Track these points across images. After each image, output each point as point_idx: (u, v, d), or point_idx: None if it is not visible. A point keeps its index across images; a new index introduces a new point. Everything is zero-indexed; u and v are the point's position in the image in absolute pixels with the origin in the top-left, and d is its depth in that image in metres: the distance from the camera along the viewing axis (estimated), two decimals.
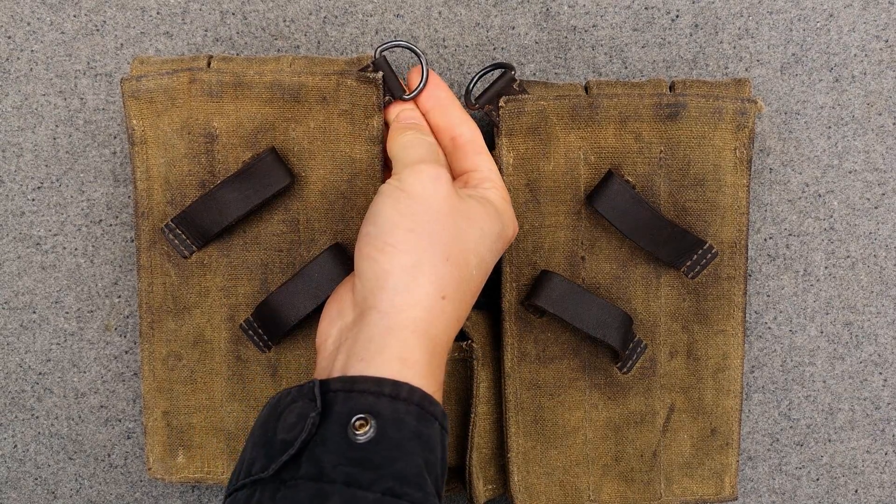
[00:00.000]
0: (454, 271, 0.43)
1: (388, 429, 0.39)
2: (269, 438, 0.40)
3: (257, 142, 0.53)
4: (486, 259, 0.46)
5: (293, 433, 0.39)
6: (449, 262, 0.43)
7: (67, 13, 0.59)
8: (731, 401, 0.56)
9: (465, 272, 0.44)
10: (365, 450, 0.38)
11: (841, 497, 0.65)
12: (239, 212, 0.52)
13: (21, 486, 0.63)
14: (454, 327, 0.44)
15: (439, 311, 0.43)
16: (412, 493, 0.38)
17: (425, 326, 0.42)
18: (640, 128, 0.53)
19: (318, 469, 0.38)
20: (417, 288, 0.43)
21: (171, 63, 0.53)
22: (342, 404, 0.39)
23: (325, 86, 0.52)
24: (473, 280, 0.45)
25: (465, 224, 0.45)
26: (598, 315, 0.53)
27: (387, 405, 0.39)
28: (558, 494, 0.57)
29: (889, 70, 0.61)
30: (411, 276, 0.43)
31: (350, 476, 0.37)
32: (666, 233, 0.53)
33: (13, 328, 0.62)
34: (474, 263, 0.45)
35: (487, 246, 0.46)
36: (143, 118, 0.53)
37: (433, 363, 0.42)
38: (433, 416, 0.41)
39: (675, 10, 0.59)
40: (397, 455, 0.39)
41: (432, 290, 0.43)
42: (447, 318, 0.43)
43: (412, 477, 0.38)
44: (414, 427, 0.40)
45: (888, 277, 0.62)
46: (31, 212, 0.61)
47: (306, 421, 0.39)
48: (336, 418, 0.39)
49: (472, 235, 0.45)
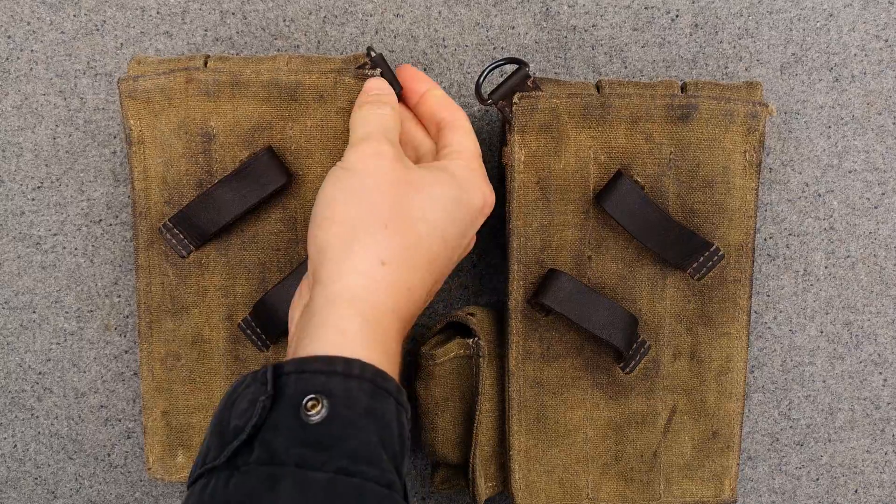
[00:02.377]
0: (395, 237, 0.43)
1: (340, 407, 0.38)
2: (224, 426, 0.40)
3: (254, 141, 0.53)
4: (441, 224, 0.45)
5: (244, 419, 0.39)
6: (388, 229, 0.43)
7: (67, 13, 0.59)
8: (733, 403, 0.56)
9: (411, 238, 0.43)
10: (317, 430, 0.38)
11: (841, 497, 0.64)
12: (236, 211, 0.52)
13: (21, 486, 0.63)
14: (404, 294, 0.43)
15: (379, 278, 0.42)
16: (367, 470, 0.37)
17: (364, 294, 0.42)
18: (650, 128, 0.53)
19: (270, 453, 0.37)
20: (353, 255, 0.42)
21: (168, 63, 0.53)
22: (294, 386, 0.39)
23: (322, 84, 0.52)
24: (423, 245, 0.44)
25: (410, 192, 0.44)
26: (604, 315, 0.53)
27: (339, 384, 0.39)
28: (558, 492, 0.56)
29: (889, 70, 0.60)
30: (347, 245, 0.43)
31: (302, 457, 0.37)
32: (673, 234, 0.53)
33: (13, 328, 0.61)
34: (424, 230, 0.44)
35: (440, 211, 0.45)
36: (140, 118, 0.52)
37: (377, 332, 0.41)
38: (387, 391, 0.40)
39: (675, 10, 0.59)
40: (350, 433, 0.38)
41: (369, 255, 0.42)
42: (389, 284, 0.42)
43: (366, 455, 0.38)
44: (367, 404, 0.39)
45: (888, 277, 0.62)
46: (31, 212, 0.60)
47: (256, 405, 0.39)
48: (288, 401, 0.39)
49: (418, 202, 0.44)
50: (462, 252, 0.49)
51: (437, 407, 0.56)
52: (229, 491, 0.37)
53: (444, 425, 0.56)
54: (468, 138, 0.50)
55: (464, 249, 0.49)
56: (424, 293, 0.45)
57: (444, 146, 0.50)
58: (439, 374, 0.55)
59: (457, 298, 0.62)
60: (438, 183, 0.46)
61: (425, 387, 0.56)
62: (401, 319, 0.43)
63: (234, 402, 0.40)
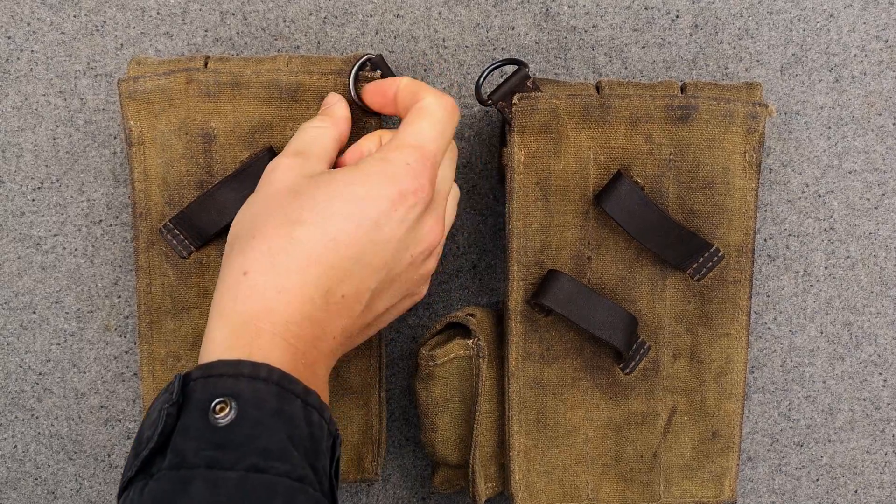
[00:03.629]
0: (260, 246, 0.43)
1: (248, 409, 0.39)
2: (139, 438, 0.40)
3: (255, 141, 0.52)
4: (324, 224, 0.44)
5: (153, 428, 0.39)
6: (255, 239, 0.44)
7: (67, 13, 0.58)
8: (733, 404, 0.56)
9: (277, 243, 0.43)
10: (226, 431, 0.38)
11: (841, 497, 0.64)
12: (237, 212, 0.51)
13: (21, 486, 0.63)
14: (273, 298, 0.43)
15: (244, 287, 0.43)
16: (277, 465, 0.38)
17: (229, 304, 0.43)
18: (650, 129, 0.52)
19: (181, 458, 0.38)
20: (224, 269, 0.45)
21: (168, 64, 0.53)
22: (202, 391, 0.40)
23: (322, 85, 0.52)
24: (298, 248, 0.43)
25: (290, 198, 0.45)
26: (603, 316, 0.53)
27: (246, 386, 0.39)
28: (557, 493, 0.56)
29: (889, 70, 0.60)
30: (224, 260, 0.45)
31: (212, 459, 0.38)
32: (673, 235, 0.53)
33: (13, 328, 0.61)
34: (301, 233, 0.43)
35: (324, 212, 0.44)
36: (140, 119, 0.52)
37: (243, 337, 0.42)
38: (293, 393, 0.41)
39: (675, 11, 0.59)
40: (259, 432, 0.39)
41: (234, 268, 0.44)
42: (253, 291, 0.43)
43: (276, 451, 0.38)
44: (275, 405, 0.40)
45: (888, 277, 0.62)
46: (31, 212, 0.60)
47: (161, 413, 0.39)
48: (196, 405, 0.39)
49: (297, 206, 0.44)
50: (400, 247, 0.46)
51: (437, 407, 0.56)
52: (144, 498, 0.38)
53: (444, 426, 0.56)
54: (411, 124, 0.47)
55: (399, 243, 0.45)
56: (318, 293, 0.43)
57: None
58: (439, 375, 0.55)
59: (457, 299, 0.61)
60: (327, 183, 0.45)
61: (425, 387, 0.55)
62: (284, 322, 0.42)
63: (149, 414, 0.41)
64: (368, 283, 0.45)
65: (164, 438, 0.39)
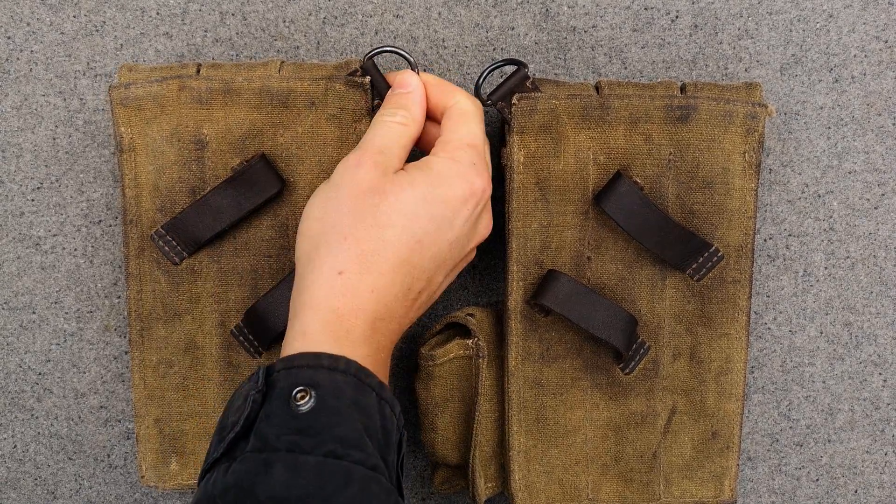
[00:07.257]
0: (353, 247, 0.45)
1: (327, 398, 0.41)
2: (223, 424, 0.43)
3: (246, 148, 0.52)
4: (411, 226, 0.46)
5: (238, 413, 0.42)
6: (347, 240, 0.45)
7: (67, 13, 0.58)
8: (732, 404, 0.56)
9: (370, 245, 0.45)
10: (307, 418, 0.40)
11: (841, 497, 0.64)
12: (232, 217, 0.52)
13: (21, 486, 0.63)
14: (366, 297, 0.45)
15: (339, 286, 0.45)
16: (354, 453, 0.40)
17: (323, 301, 0.44)
18: (650, 129, 0.52)
19: (264, 442, 0.40)
20: (314, 268, 0.46)
21: (160, 71, 0.53)
22: (284, 381, 0.42)
23: (313, 91, 0.51)
24: (389, 250, 0.46)
25: (376, 200, 0.46)
26: (603, 316, 0.53)
27: (325, 376, 0.42)
28: (557, 492, 0.56)
29: (889, 70, 0.60)
30: (310, 259, 0.46)
31: (293, 443, 0.40)
32: (672, 235, 0.52)
33: (13, 328, 0.61)
34: (391, 235, 0.46)
35: (408, 214, 0.46)
36: (131, 125, 0.52)
37: (338, 333, 0.44)
38: (370, 386, 0.43)
39: (675, 11, 0.58)
40: (337, 421, 0.41)
41: (325, 267, 0.45)
42: (347, 290, 0.45)
43: (353, 440, 0.40)
44: (352, 396, 0.42)
45: (888, 278, 0.61)
46: (30, 212, 0.59)
47: (248, 400, 0.42)
48: (279, 393, 0.41)
49: (385, 208, 0.46)
50: (463, 242, 0.49)
51: (437, 407, 0.55)
52: (228, 478, 0.40)
53: (444, 426, 0.56)
54: (461, 125, 0.49)
55: (464, 238, 0.49)
56: (402, 291, 0.46)
57: (440, 137, 0.50)
58: (439, 375, 0.54)
59: (457, 299, 0.61)
60: (411, 185, 0.46)
61: (425, 387, 0.55)
62: (372, 319, 0.45)
63: (232, 402, 0.44)
64: (438, 278, 0.48)
65: (249, 423, 0.41)
